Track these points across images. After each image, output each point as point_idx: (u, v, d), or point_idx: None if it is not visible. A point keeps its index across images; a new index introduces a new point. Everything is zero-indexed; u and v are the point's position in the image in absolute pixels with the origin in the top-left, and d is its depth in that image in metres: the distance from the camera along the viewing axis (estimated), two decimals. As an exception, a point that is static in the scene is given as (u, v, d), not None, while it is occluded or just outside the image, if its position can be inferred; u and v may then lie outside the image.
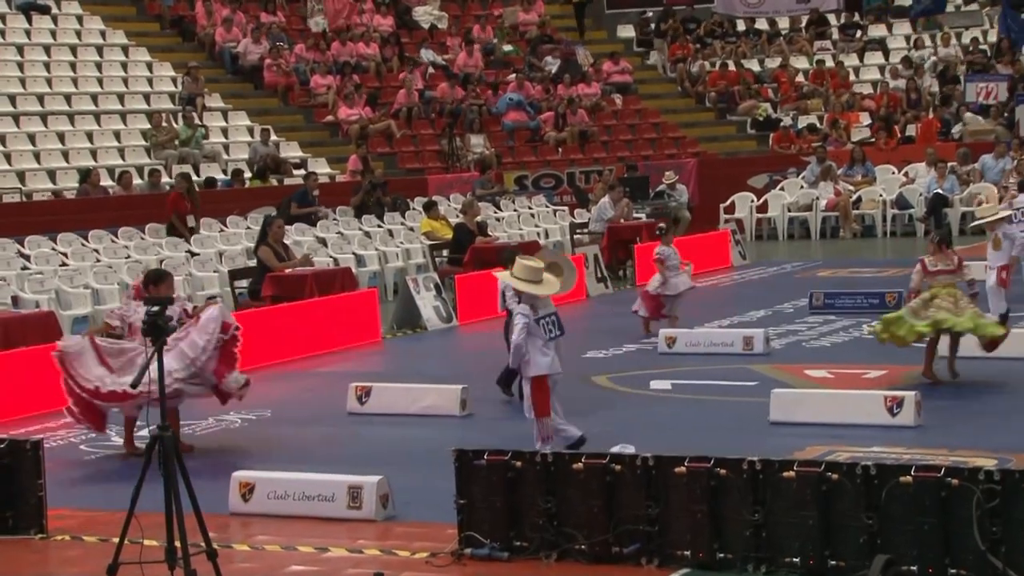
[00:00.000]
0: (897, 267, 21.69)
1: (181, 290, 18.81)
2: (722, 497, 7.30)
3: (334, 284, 17.35)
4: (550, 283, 9.68)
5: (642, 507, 7.43)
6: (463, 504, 7.78)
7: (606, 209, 23.58)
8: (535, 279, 9.54)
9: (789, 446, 9.73)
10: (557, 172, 29.42)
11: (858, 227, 28.15)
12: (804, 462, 7.32)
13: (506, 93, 31.68)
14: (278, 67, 29.88)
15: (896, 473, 7.03)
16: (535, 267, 9.63)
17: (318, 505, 8.69)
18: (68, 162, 24.42)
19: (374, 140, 28.77)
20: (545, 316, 9.64)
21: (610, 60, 34.43)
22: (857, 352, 14.21)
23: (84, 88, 27.01)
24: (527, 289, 9.50)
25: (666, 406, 12.16)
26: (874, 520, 6.99)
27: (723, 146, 32.79)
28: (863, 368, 13.10)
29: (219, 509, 8.66)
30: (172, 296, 10.81)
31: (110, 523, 8.24)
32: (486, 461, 7.77)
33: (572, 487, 7.58)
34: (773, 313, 17.34)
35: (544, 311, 9.65)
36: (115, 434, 11.42)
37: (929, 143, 29.72)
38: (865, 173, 29.02)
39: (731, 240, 24.20)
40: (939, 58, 33.50)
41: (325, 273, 18.02)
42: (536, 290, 9.54)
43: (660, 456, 7.50)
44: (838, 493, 7.09)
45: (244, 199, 23.73)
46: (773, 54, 35.45)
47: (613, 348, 14.98)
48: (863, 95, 33.04)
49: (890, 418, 10.65)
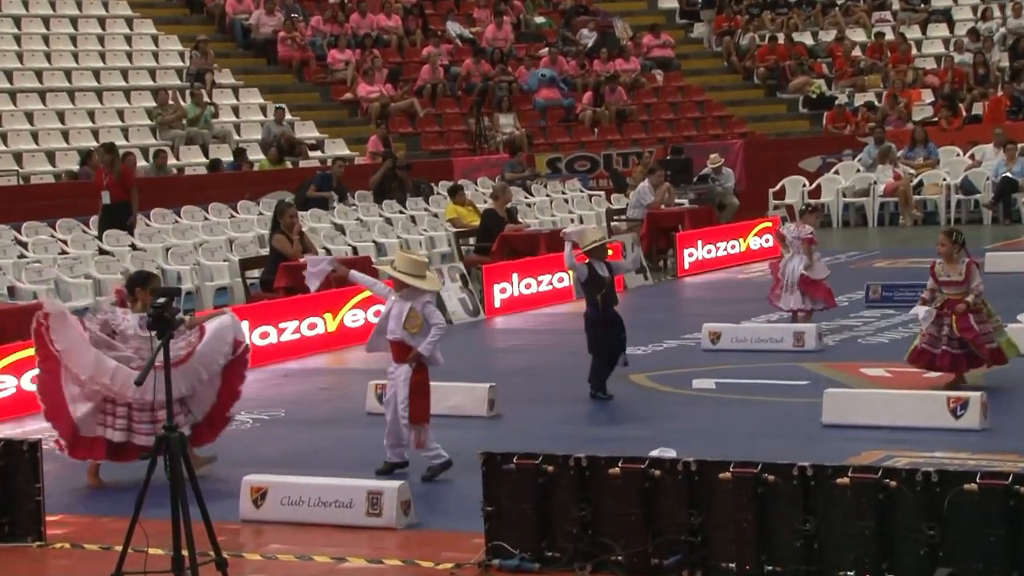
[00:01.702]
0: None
1: (188, 281, 18.92)
2: (770, 505, 7.29)
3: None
4: (432, 279, 10.14)
5: (684, 516, 7.43)
6: (491, 512, 7.79)
7: (645, 194, 23.54)
8: (418, 273, 9.91)
9: (843, 451, 9.69)
10: (593, 154, 29.39)
11: (919, 214, 28.02)
12: (859, 468, 7.30)
13: (538, 69, 31.67)
14: (293, 41, 29.95)
15: (960, 480, 7.00)
16: (419, 261, 10.06)
17: (335, 512, 8.71)
18: (68, 143, 24.56)
19: (396, 119, 28.83)
20: None
21: (651, 33, 34.36)
22: (918, 349, 14.13)
23: (85, 63, 27.15)
24: (412, 283, 9.83)
25: (710, 407, 12.14)
26: (935, 531, 6.97)
27: (773, 126, 32.69)
28: (924, 366, 13.03)
29: (229, 516, 8.70)
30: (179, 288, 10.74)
31: (113, 530, 8.29)
32: (515, 465, 7.78)
33: (608, 494, 7.58)
34: (826, 306, 17.26)
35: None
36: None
37: (997, 122, 29.55)
38: (927, 155, 28.88)
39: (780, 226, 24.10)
40: (1009, 30, 33.28)
41: (343, 263, 17.99)
42: (421, 284, 9.88)
43: (703, 461, 7.50)
44: (896, 502, 7.07)
45: (258, 183, 23.81)
46: (828, 26, 35.30)
47: (653, 344, 14.97)
48: (926, 70, 32.88)
49: (953, 421, 10.60)
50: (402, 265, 9.97)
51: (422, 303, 9.88)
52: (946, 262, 11.82)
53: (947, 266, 11.79)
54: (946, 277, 11.76)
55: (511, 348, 16.09)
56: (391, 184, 24.33)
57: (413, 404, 9.79)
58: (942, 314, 11.70)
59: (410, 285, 9.84)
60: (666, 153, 28.41)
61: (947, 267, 11.79)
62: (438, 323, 9.90)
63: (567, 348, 15.60)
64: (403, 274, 9.86)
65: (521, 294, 18.73)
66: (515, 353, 15.65)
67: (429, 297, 9.97)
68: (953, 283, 11.73)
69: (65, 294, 17.88)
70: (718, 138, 30.95)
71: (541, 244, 19.97)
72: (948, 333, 11.65)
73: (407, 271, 9.89)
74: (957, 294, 11.71)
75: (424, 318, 9.84)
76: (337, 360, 15.57)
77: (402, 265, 9.97)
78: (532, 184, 26.74)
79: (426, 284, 9.96)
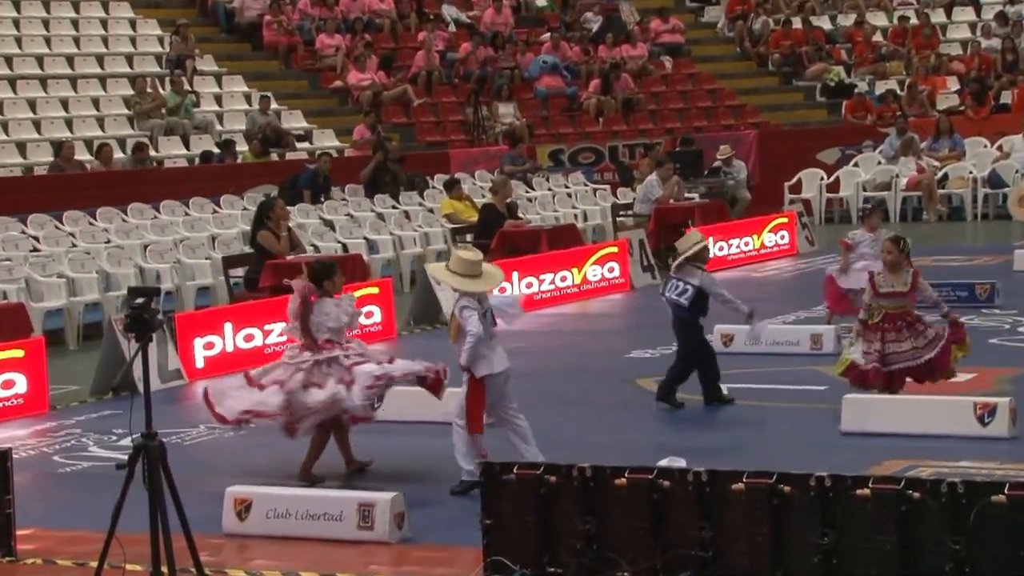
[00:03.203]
0: (989, 255, 21.62)
1: (168, 280, 18.91)
2: (786, 518, 7.29)
3: (343, 273, 17.35)
4: (490, 276, 9.88)
5: (694, 529, 7.43)
6: (489, 524, 7.80)
7: (653, 188, 23.55)
8: (471, 272, 9.71)
9: (863, 460, 9.70)
10: (597, 146, 29.41)
11: (944, 209, 28.03)
12: (881, 478, 7.30)
13: (539, 55, 31.68)
14: (279, 25, 29.97)
15: (987, 492, 7.00)
16: (472, 259, 9.82)
17: (324, 525, 8.71)
18: (40, 133, 24.55)
19: (388, 108, 28.85)
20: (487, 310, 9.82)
21: (659, 17, 34.39)
22: (942, 352, 14.14)
23: (58, 49, 27.16)
24: (463, 286, 9.67)
25: (721, 413, 12.14)
26: (961, 545, 6.97)
27: (788, 116, 32.70)
28: (949, 371, 13.04)
29: (212, 529, 8.70)
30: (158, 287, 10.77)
31: (88, 544, 8.29)
32: (516, 476, 7.79)
33: (614, 506, 7.58)
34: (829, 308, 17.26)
35: (485, 306, 9.82)
36: (93, 444, 11.48)
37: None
38: (952, 147, 28.89)
39: (797, 223, 24.16)
40: (1039, 14, 33.31)
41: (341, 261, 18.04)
42: (473, 286, 9.68)
43: (715, 471, 7.50)
44: (920, 514, 7.07)
45: (242, 176, 23.81)
46: (847, 10, 35.32)
47: (661, 347, 14.95)
48: (951, 56, 32.90)
49: (980, 428, 10.61)
50: (456, 265, 9.77)
51: (460, 307, 9.70)
52: (889, 272, 11.54)
53: (890, 276, 11.52)
54: (889, 288, 11.46)
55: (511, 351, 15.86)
56: (383, 178, 24.32)
57: (467, 415, 9.67)
58: (881, 329, 11.47)
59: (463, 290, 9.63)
60: (675, 144, 28.42)
61: (890, 277, 11.52)
62: (470, 330, 9.61)
63: (570, 351, 15.62)
64: (455, 275, 9.69)
65: (522, 294, 18.71)
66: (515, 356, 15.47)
67: (466, 301, 9.68)
68: (897, 294, 11.43)
69: (37, 294, 17.88)
70: (730, 128, 30.96)
71: (543, 241, 19.98)
72: (880, 349, 11.44)
73: (460, 271, 9.70)
74: (898, 306, 11.48)
75: (460, 323, 9.66)
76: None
77: (456, 265, 9.77)
78: (533, 177, 26.75)
79: (479, 284, 9.71)
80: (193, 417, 12.22)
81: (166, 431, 10.84)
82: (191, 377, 14.41)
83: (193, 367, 14.56)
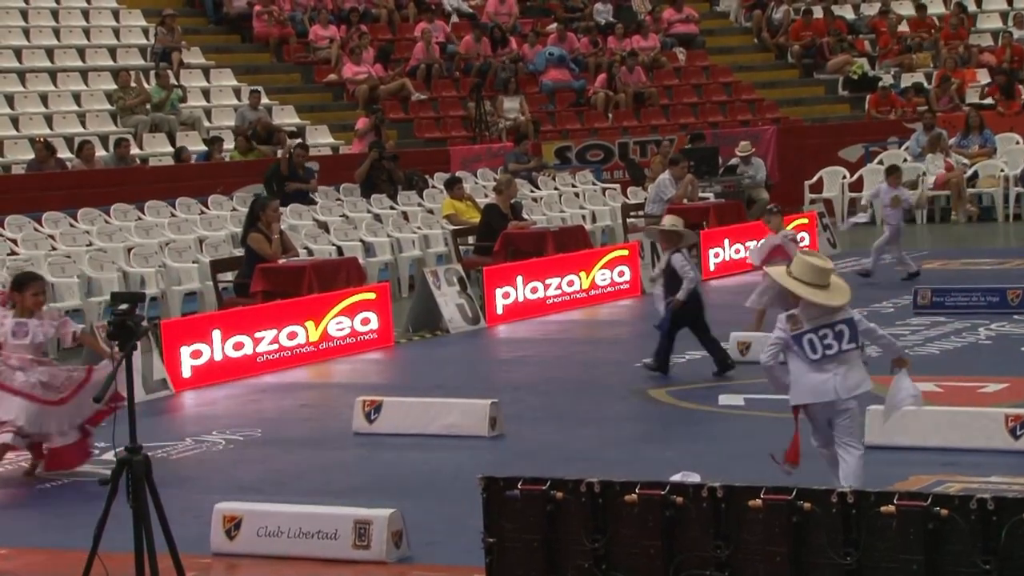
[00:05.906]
0: (1021, 258, 21.59)
1: (153, 285, 18.95)
2: (806, 536, 7.29)
3: (337, 277, 17.41)
4: (840, 289, 9.03)
5: (709, 548, 7.43)
6: (492, 543, 7.80)
7: (666, 187, 23.57)
8: (820, 282, 8.92)
9: (889, 475, 9.72)
10: (607, 143, 29.42)
11: (974, 209, 28.03)
12: (907, 494, 7.30)
13: (545, 47, 31.70)
14: (270, 16, 30.00)
15: (1019, 509, 7.00)
16: (823, 268, 9.01)
17: (318, 544, 8.72)
18: (18, 130, 24.59)
19: (386, 104, 28.85)
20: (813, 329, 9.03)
21: (672, 7, 34.40)
22: (972, 361, 14.14)
23: (37, 41, 27.19)
24: (811, 296, 8.92)
25: (738, 425, 12.15)
26: (992, 565, 6.97)
27: (809, 111, 32.72)
28: (979, 381, 13.05)
29: (199, 548, 8.70)
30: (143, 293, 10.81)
31: (69, 564, 8.29)
32: (520, 491, 7.79)
33: (624, 523, 7.58)
34: (869, 313, 17.22)
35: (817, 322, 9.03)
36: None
37: (1061, 107, 29.62)
38: (983, 143, 28.90)
39: (818, 224, 24.15)
40: (1074, 3, 33.33)
41: (327, 264, 18.08)
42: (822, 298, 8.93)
43: (731, 486, 7.50)
44: (948, 532, 7.07)
45: (231, 174, 23.81)
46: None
47: (674, 355, 14.97)
48: (981, 48, 32.90)
49: (1012, 441, 10.61)
50: (802, 271, 8.96)
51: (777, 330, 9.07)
52: None
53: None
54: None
55: (515, 360, 16.11)
56: (379, 176, 24.33)
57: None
58: None
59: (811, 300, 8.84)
60: (689, 141, 28.43)
61: None
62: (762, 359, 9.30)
63: (577, 360, 15.63)
64: (800, 283, 8.89)
65: (526, 299, 18.74)
66: (519, 365, 15.66)
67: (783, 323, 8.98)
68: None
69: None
70: (747, 124, 30.96)
71: (548, 243, 19.98)
72: None
73: (806, 279, 8.92)
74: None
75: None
76: (320, 374, 15.58)
77: (802, 271, 8.96)
78: (539, 176, 26.76)
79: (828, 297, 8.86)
80: (180, 430, 12.24)
81: (151, 444, 10.88)
82: (177, 388, 14.44)
83: (180, 377, 14.57)
